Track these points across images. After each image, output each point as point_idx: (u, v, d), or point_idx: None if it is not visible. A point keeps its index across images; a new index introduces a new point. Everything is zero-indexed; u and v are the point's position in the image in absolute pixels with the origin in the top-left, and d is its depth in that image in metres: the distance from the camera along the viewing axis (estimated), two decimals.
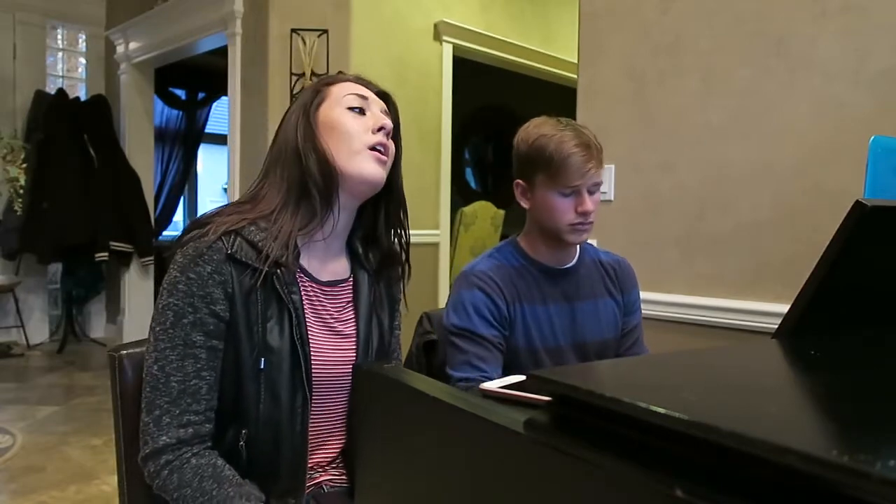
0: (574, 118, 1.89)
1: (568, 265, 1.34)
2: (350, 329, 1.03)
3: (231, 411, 0.92)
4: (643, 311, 1.46)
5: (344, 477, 1.05)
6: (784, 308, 0.60)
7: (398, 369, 0.58)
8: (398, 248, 1.10)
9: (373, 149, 0.98)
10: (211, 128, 6.39)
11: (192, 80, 6.06)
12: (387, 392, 0.56)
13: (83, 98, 5.08)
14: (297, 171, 0.97)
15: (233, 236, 0.91)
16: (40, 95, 4.81)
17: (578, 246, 1.36)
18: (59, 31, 5.19)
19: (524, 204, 1.30)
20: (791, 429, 0.34)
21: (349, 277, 1.06)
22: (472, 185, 6.98)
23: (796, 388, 0.47)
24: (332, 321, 1.01)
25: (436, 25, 3.77)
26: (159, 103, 5.74)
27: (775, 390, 0.44)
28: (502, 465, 0.45)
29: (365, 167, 0.98)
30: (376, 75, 1.06)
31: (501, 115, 6.40)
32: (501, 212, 4.65)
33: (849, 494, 0.26)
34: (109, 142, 4.86)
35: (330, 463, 1.04)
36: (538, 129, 1.26)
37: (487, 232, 4.46)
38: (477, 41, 4.02)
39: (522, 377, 0.82)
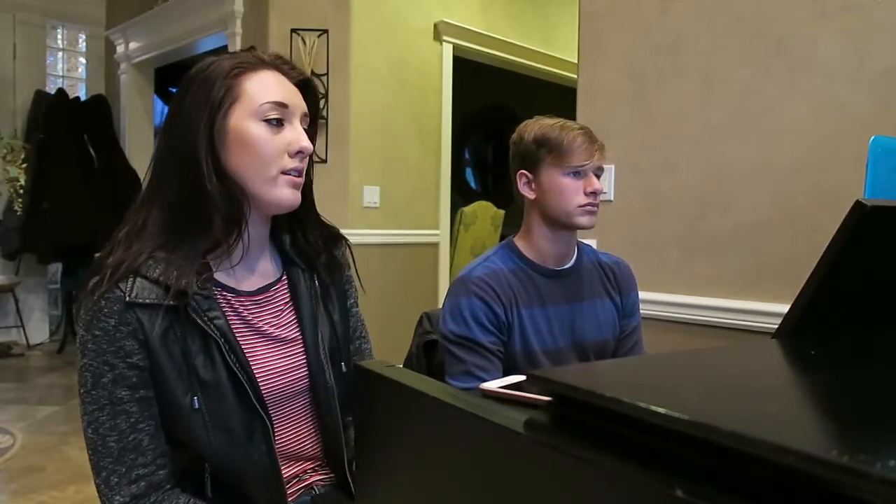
0: (574, 118, 1.89)
1: (567, 265, 1.34)
2: (293, 333, 0.96)
3: (186, 450, 0.87)
4: (644, 311, 1.46)
5: (333, 475, 1.02)
6: (784, 308, 0.60)
7: (398, 369, 0.58)
8: (326, 239, 1.01)
9: (287, 172, 0.88)
10: None
11: None
12: (386, 392, 0.56)
13: (83, 98, 5.08)
14: (193, 194, 0.84)
15: (130, 279, 0.82)
16: (40, 95, 4.81)
17: (577, 246, 1.36)
18: (59, 31, 5.19)
19: (529, 195, 1.29)
20: (791, 429, 0.34)
21: (281, 277, 0.98)
22: (472, 185, 6.99)
23: (796, 388, 0.47)
24: (270, 330, 0.94)
25: (436, 25, 3.77)
26: (159, 103, 5.74)
27: (775, 390, 0.44)
28: (502, 465, 0.45)
29: (280, 195, 0.88)
30: (376, 75, 1.04)
31: (501, 115, 6.40)
32: (501, 212, 4.65)
33: (849, 494, 0.26)
34: (109, 142, 4.87)
35: (316, 464, 1.01)
36: (537, 122, 1.30)
37: (487, 232, 4.46)
38: (477, 41, 4.01)
39: (522, 377, 0.82)
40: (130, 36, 4.78)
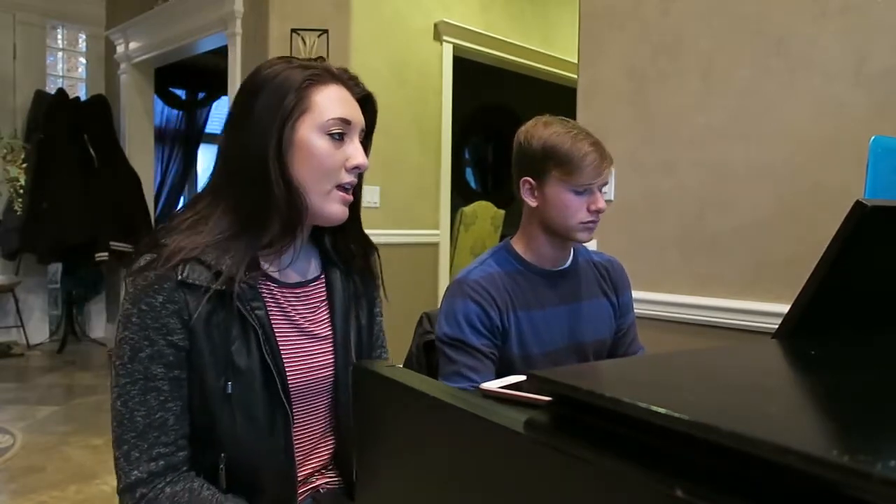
0: (574, 118, 1.89)
1: (564, 266, 1.34)
2: (325, 330, 0.99)
3: (206, 436, 0.88)
4: (644, 311, 1.46)
5: (340, 477, 1.03)
6: (784, 308, 0.60)
7: (398, 369, 0.58)
8: (364, 246, 1.06)
9: (341, 187, 0.93)
10: (211, 128, 6.38)
11: (192, 80, 6.05)
12: (387, 392, 0.56)
13: (83, 98, 5.08)
14: (259, 196, 0.88)
15: (183, 263, 0.86)
16: (40, 95, 4.81)
17: (572, 247, 1.36)
18: (59, 31, 5.19)
19: (531, 202, 1.27)
20: (791, 429, 0.34)
21: (320, 276, 1.02)
22: (472, 185, 6.98)
23: (796, 388, 0.47)
24: (304, 324, 0.97)
25: (436, 25, 3.77)
26: (159, 103, 5.74)
27: (775, 390, 0.44)
28: (502, 465, 0.45)
29: (331, 210, 0.93)
30: (376, 75, 1.04)
31: (501, 115, 6.40)
32: (501, 212, 4.65)
33: (849, 494, 0.26)
34: (109, 142, 4.86)
35: (325, 466, 1.03)
36: (548, 127, 1.24)
37: (487, 232, 4.46)
38: (477, 41, 4.01)
39: (522, 377, 0.82)
40: (130, 36, 4.78)
